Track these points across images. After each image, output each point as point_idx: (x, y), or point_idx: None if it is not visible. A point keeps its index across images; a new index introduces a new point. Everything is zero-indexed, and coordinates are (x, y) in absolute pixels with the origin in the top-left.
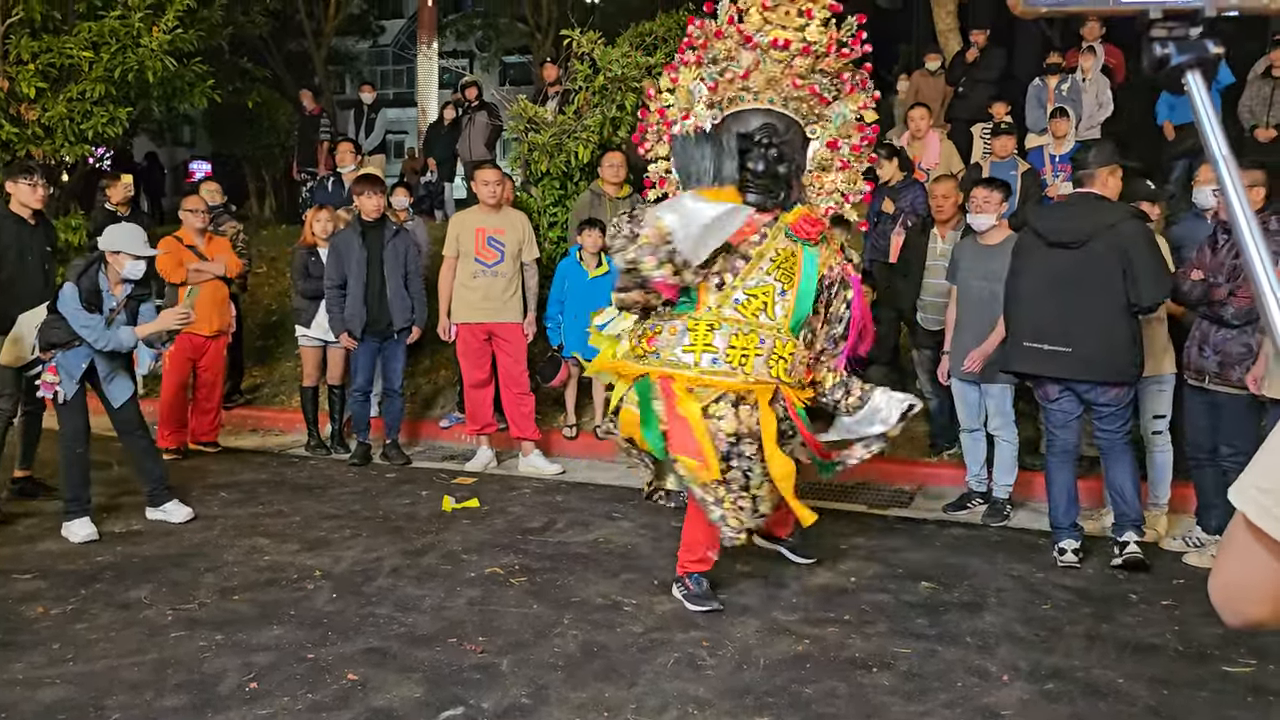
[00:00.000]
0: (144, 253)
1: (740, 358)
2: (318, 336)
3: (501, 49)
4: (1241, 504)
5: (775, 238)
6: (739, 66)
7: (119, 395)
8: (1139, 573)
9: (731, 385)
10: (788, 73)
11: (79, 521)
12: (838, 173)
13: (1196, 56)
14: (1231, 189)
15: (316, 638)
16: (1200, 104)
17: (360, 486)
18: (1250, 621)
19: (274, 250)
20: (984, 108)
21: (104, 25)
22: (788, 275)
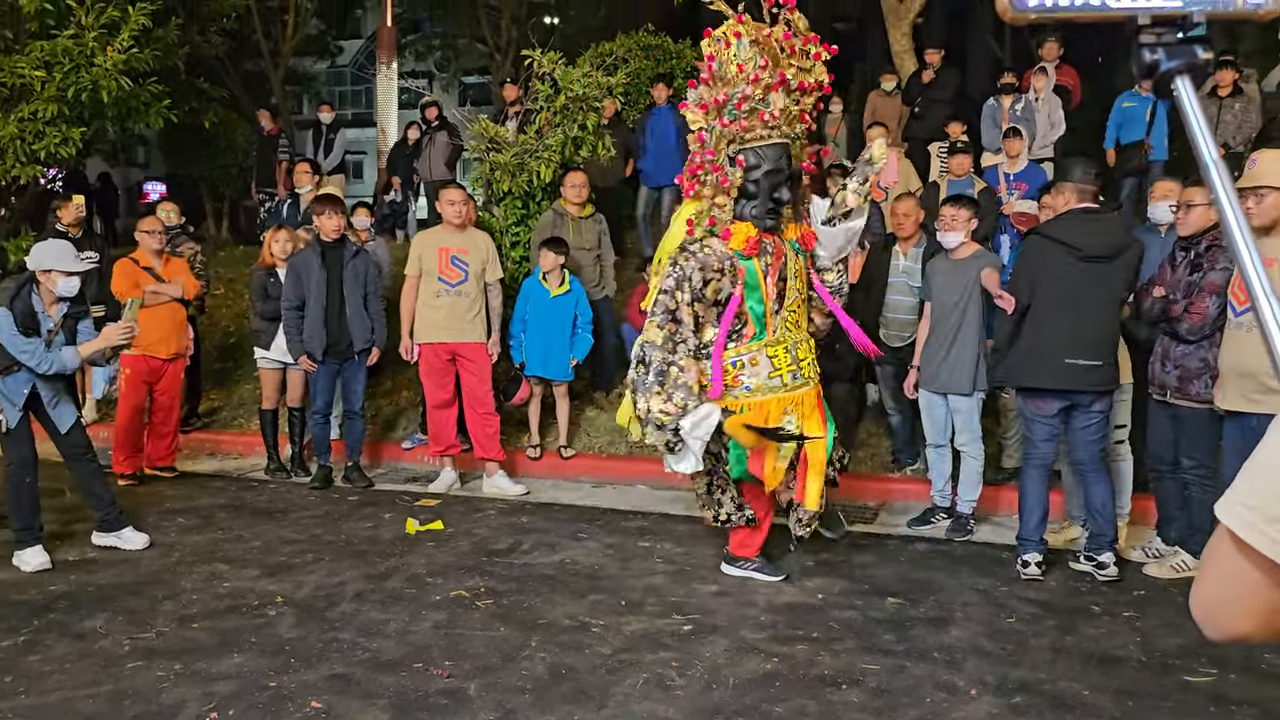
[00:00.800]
0: (74, 268)
1: (809, 369)
2: (277, 358)
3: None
4: (1228, 519)
5: (792, 255)
6: (768, 106)
7: (64, 420)
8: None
9: (805, 394)
10: (798, 109)
11: (31, 550)
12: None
13: (1186, 62)
14: (1223, 192)
15: (279, 665)
16: (1190, 109)
17: (322, 510)
18: (1234, 636)
19: (232, 271)
20: (940, 127)
21: (57, 44)
22: (805, 286)
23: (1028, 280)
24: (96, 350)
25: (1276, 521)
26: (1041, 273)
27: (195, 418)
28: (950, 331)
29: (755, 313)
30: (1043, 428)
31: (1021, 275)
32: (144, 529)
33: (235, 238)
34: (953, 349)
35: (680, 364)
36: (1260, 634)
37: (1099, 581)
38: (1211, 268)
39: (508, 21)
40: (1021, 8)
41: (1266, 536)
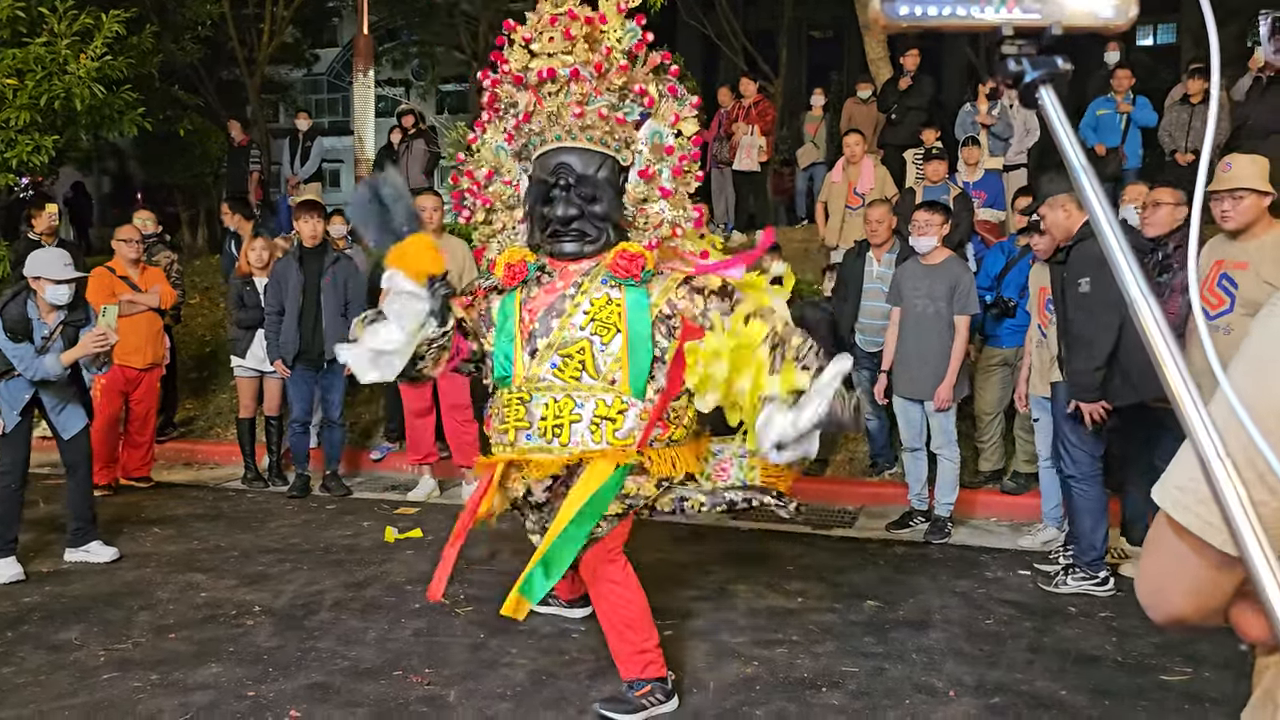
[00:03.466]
0: (62, 276)
1: (554, 429)
2: (253, 367)
3: (438, 77)
4: (1162, 501)
5: (591, 287)
6: (519, 110)
7: (70, 426)
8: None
9: (547, 461)
10: (566, 104)
11: (5, 561)
12: (660, 201)
13: (1048, 72)
14: (1093, 197)
15: (257, 674)
16: (1055, 116)
17: (299, 519)
18: (1174, 617)
19: (207, 280)
20: (915, 134)
21: (29, 52)
22: (606, 326)
23: (1118, 293)
24: (76, 358)
25: (1208, 502)
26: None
27: (171, 427)
28: (922, 337)
29: (501, 353)
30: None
31: (1113, 288)
32: (119, 539)
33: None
34: (925, 354)
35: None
36: (1197, 615)
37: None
38: (1181, 267)
39: (485, 29)
40: (893, 16)
41: (1198, 517)
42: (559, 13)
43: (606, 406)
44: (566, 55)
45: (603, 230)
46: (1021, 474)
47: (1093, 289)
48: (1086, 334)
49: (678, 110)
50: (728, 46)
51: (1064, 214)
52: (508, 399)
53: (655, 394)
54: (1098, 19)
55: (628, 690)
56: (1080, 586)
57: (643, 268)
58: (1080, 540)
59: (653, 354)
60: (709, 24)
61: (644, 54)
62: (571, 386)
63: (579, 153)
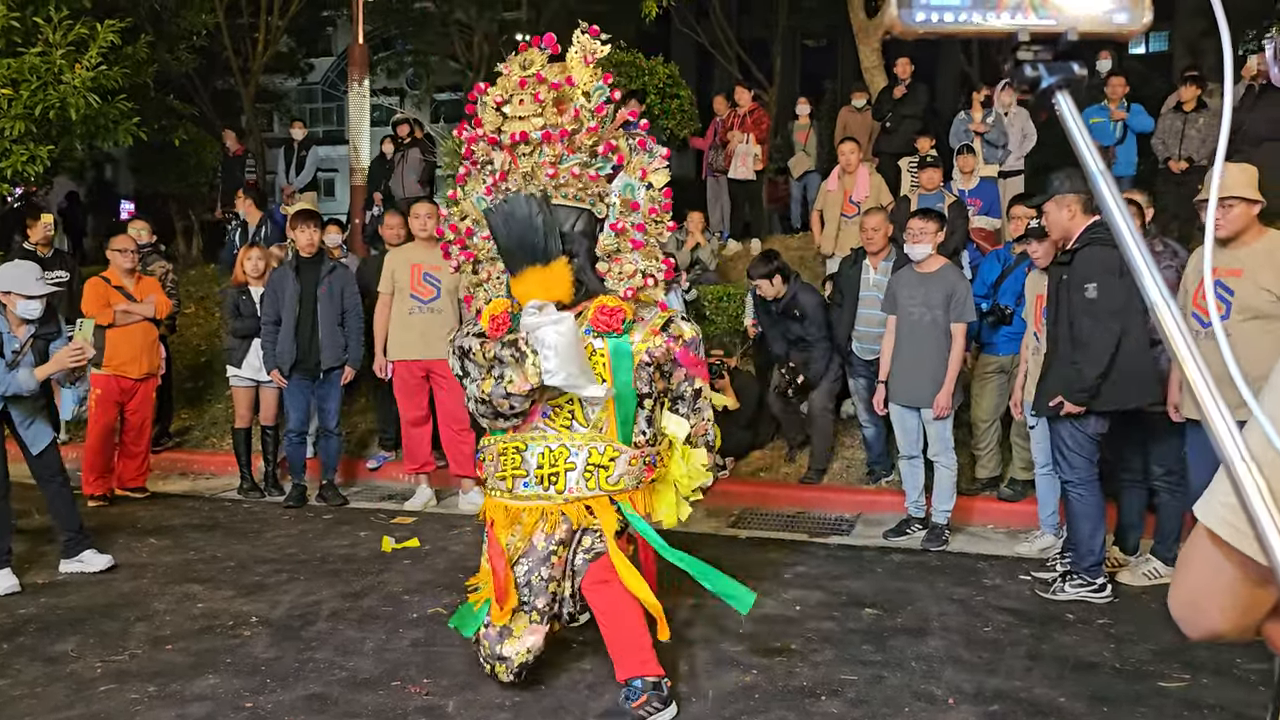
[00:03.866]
0: (33, 291)
1: (550, 477)
2: (249, 376)
3: (433, 86)
4: (1207, 519)
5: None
6: (495, 168)
7: (37, 442)
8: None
9: (545, 507)
10: (540, 164)
11: (0, 573)
12: (633, 253)
13: (1064, 77)
14: (1111, 202)
15: (255, 685)
16: (1072, 121)
17: (296, 529)
18: (1211, 633)
19: (202, 290)
20: (910, 142)
21: (24, 62)
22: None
23: (1126, 297)
24: (51, 373)
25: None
26: (1131, 290)
27: (166, 437)
28: (918, 345)
29: None
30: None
31: (1119, 296)
32: (115, 550)
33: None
34: (922, 362)
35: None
36: (1235, 631)
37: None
38: (1161, 267)
39: (480, 39)
40: (909, 22)
41: (1246, 535)
42: (527, 75)
43: (599, 454)
44: (537, 118)
45: (583, 282)
46: (1018, 481)
47: (1100, 295)
48: (1091, 339)
49: (645, 165)
50: (722, 55)
51: (1068, 214)
52: (503, 447)
53: (640, 438)
54: (1113, 24)
55: (625, 700)
56: (1078, 593)
57: (623, 320)
58: (1079, 546)
59: (637, 401)
60: (703, 32)
61: (612, 110)
62: (564, 435)
63: (557, 208)
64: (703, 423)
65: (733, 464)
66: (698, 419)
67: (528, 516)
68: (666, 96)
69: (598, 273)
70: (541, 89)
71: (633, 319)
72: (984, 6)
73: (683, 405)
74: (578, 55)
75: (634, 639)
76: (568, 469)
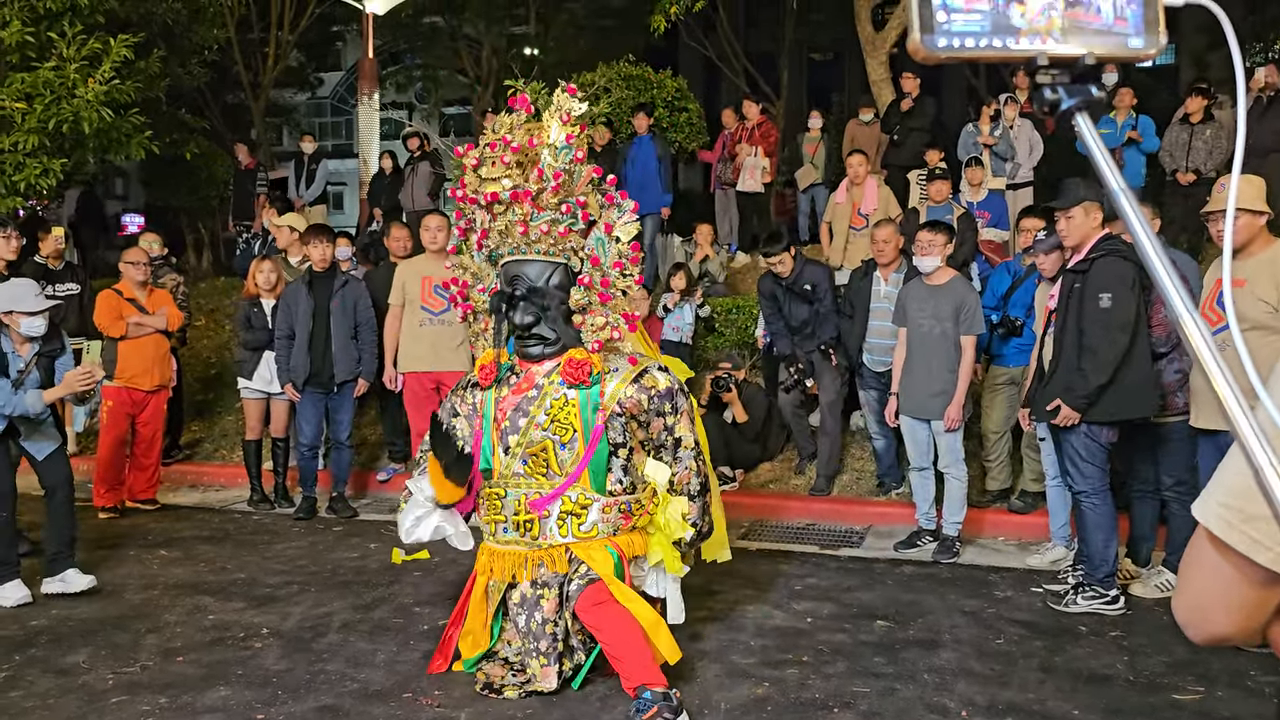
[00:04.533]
0: (34, 308)
1: (525, 524)
2: (260, 388)
3: (441, 100)
4: (1205, 519)
5: (550, 389)
6: (477, 226)
7: (41, 450)
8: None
9: (525, 553)
10: (514, 222)
11: (10, 585)
12: (601, 307)
13: (1084, 99)
14: (1134, 218)
15: (266, 697)
16: (1092, 141)
17: (306, 541)
18: (1215, 637)
19: (213, 303)
20: (919, 154)
21: (38, 76)
22: (564, 426)
23: (1137, 311)
24: (60, 397)
25: (1253, 520)
26: (1140, 301)
27: (177, 449)
28: (928, 357)
29: (486, 446)
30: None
31: (1132, 308)
32: (126, 562)
33: (216, 269)
34: (932, 374)
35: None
36: (1240, 634)
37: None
38: None
39: (488, 53)
40: (932, 48)
41: (1245, 535)
42: (496, 139)
43: (571, 502)
44: (506, 179)
45: (559, 333)
46: (1029, 493)
47: (1114, 306)
48: (1099, 348)
49: (612, 220)
50: (729, 68)
51: (1093, 221)
52: (488, 492)
53: (616, 486)
54: (1128, 49)
55: (636, 713)
56: (1090, 606)
57: (589, 372)
58: (1092, 556)
59: (608, 450)
60: (711, 46)
61: (579, 168)
62: (540, 483)
63: (532, 263)
64: (685, 471)
65: (742, 476)
66: (679, 468)
67: (509, 561)
68: (675, 110)
69: (573, 325)
70: (507, 153)
71: (604, 371)
72: (1004, 32)
73: (665, 454)
74: (555, 114)
75: (637, 650)
76: (542, 516)
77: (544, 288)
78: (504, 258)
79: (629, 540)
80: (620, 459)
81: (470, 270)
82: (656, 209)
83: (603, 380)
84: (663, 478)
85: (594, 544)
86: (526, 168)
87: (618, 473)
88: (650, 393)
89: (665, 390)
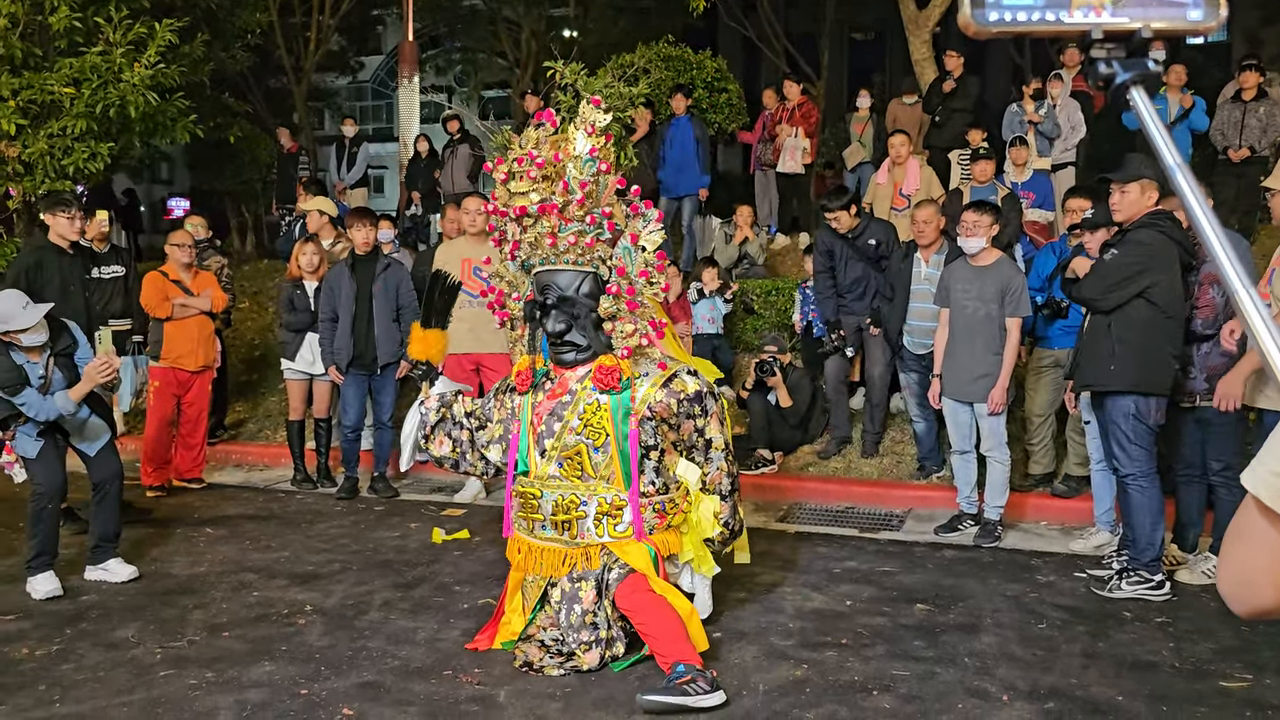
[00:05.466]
0: (28, 323)
1: (564, 523)
2: (303, 370)
3: (481, 83)
4: (1255, 488)
5: (583, 394)
6: (509, 238)
7: (92, 446)
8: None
9: (564, 551)
10: (543, 234)
11: (43, 576)
12: (630, 314)
13: (1140, 73)
14: (1190, 195)
15: (309, 673)
16: (1148, 116)
17: (348, 520)
18: (1261, 610)
19: (256, 285)
20: (961, 135)
21: (85, 61)
22: (597, 431)
23: (1171, 285)
24: (86, 392)
25: None
26: (1177, 279)
27: (222, 429)
28: (971, 339)
29: (522, 448)
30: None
31: (1138, 268)
32: (174, 539)
33: (259, 252)
34: (975, 356)
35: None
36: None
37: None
38: (1205, 259)
39: (527, 35)
40: (983, 22)
41: None
42: (522, 154)
43: (607, 504)
44: (534, 193)
45: (590, 340)
46: (1073, 477)
47: (1113, 260)
48: (1083, 287)
49: (637, 230)
50: (769, 49)
51: (1148, 198)
52: (521, 491)
53: (649, 487)
54: (1187, 21)
55: (669, 681)
56: (1135, 591)
57: (619, 379)
58: (1138, 540)
59: (640, 453)
60: (750, 26)
61: (604, 179)
62: (575, 485)
63: (562, 273)
64: (716, 472)
65: (781, 459)
66: (711, 468)
67: (548, 559)
68: (714, 91)
69: (604, 332)
70: (532, 168)
71: (633, 376)
72: (1057, 6)
73: (696, 455)
74: (580, 126)
75: (672, 630)
76: (579, 516)
77: (574, 296)
78: (535, 267)
79: (664, 539)
80: (653, 461)
81: (506, 279)
82: (695, 190)
83: (633, 385)
84: (694, 478)
85: (630, 542)
86: (553, 180)
87: (650, 474)
88: (679, 397)
89: (694, 394)
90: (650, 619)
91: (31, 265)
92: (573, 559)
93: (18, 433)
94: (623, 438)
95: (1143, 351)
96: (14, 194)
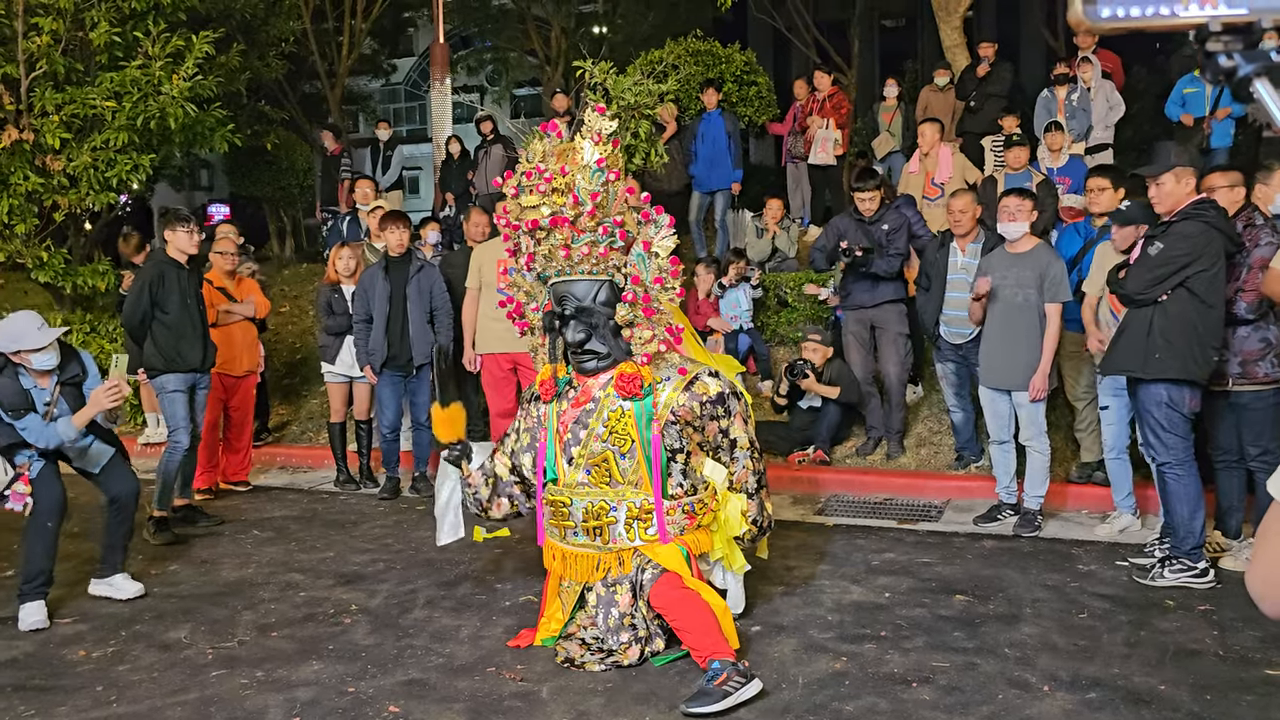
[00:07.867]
0: (41, 343)
1: (595, 529)
2: (343, 372)
3: (512, 82)
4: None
5: (607, 401)
6: (523, 250)
7: (95, 464)
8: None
9: (598, 556)
10: (557, 246)
11: (33, 605)
12: (647, 321)
13: (1264, 65)
14: None
15: (356, 671)
16: (1274, 108)
17: (391, 520)
18: None
19: (296, 289)
20: (994, 121)
21: (125, 75)
22: (622, 437)
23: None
24: (91, 416)
25: None
26: (1220, 267)
27: (266, 432)
28: (1010, 326)
29: (551, 456)
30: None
31: (1185, 262)
32: (222, 541)
33: (298, 256)
34: (1014, 344)
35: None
36: None
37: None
38: (1255, 244)
39: (557, 33)
40: (1094, 19)
41: None
42: (530, 168)
43: (636, 508)
44: (545, 207)
45: (610, 348)
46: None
47: (1159, 254)
48: (1127, 284)
49: (649, 237)
50: (799, 39)
51: (1185, 187)
52: (552, 499)
53: (677, 489)
54: None
55: (707, 682)
56: (1178, 579)
57: (641, 385)
58: (1178, 529)
59: (666, 456)
60: (779, 17)
61: (614, 187)
62: (605, 491)
63: (578, 282)
64: (743, 471)
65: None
66: (736, 467)
67: (582, 564)
68: (744, 84)
69: (623, 338)
70: (541, 181)
71: (655, 381)
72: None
73: (722, 455)
74: (586, 135)
75: (705, 624)
76: (609, 522)
77: (591, 305)
78: (551, 279)
79: (695, 539)
80: (679, 463)
81: (524, 289)
82: (727, 185)
83: (655, 391)
84: (721, 477)
85: (661, 544)
86: (563, 193)
87: (678, 476)
88: (702, 399)
89: (717, 395)
90: (683, 615)
91: (154, 278)
92: (606, 563)
93: (16, 453)
94: (647, 444)
95: (1185, 342)
96: (61, 206)
